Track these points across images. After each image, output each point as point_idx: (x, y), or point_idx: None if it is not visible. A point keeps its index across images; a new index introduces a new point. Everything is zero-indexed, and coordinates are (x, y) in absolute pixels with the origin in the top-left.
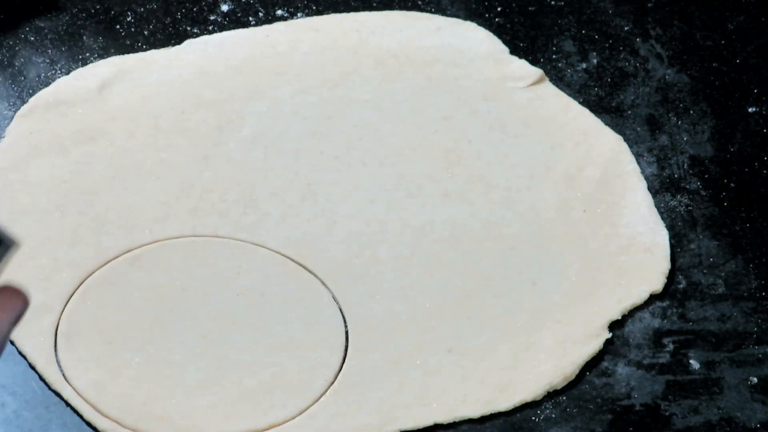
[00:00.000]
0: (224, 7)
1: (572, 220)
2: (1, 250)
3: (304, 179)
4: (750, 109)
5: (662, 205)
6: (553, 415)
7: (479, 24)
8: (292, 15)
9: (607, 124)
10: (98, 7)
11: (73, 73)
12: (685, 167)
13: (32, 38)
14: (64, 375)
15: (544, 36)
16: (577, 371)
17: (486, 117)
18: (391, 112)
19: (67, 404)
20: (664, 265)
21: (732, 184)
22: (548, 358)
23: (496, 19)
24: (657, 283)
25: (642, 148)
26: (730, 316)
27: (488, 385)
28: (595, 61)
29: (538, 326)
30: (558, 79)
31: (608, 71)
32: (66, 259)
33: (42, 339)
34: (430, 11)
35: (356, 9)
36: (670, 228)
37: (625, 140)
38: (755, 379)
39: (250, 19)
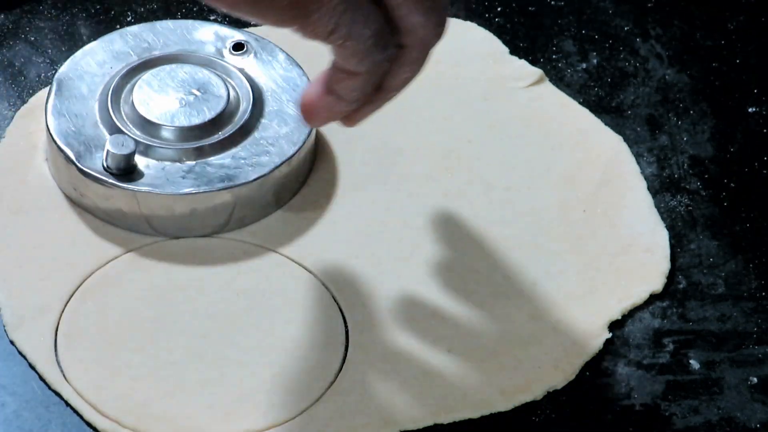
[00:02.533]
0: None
1: (572, 220)
2: None
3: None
4: (750, 109)
5: (662, 205)
6: (553, 415)
7: (479, 24)
8: None
9: (607, 124)
10: (98, 7)
11: None
12: (685, 167)
13: (32, 38)
14: (64, 375)
15: (544, 36)
16: (577, 371)
17: (486, 117)
18: (391, 112)
19: (67, 404)
20: (664, 265)
21: (732, 184)
22: (548, 358)
23: (496, 19)
24: (657, 283)
25: (642, 148)
26: (730, 316)
27: (488, 385)
28: (595, 61)
29: (538, 326)
30: (558, 79)
31: (608, 71)
32: (66, 259)
33: (42, 339)
34: None
35: None
36: (670, 228)
37: (625, 140)
38: (755, 379)
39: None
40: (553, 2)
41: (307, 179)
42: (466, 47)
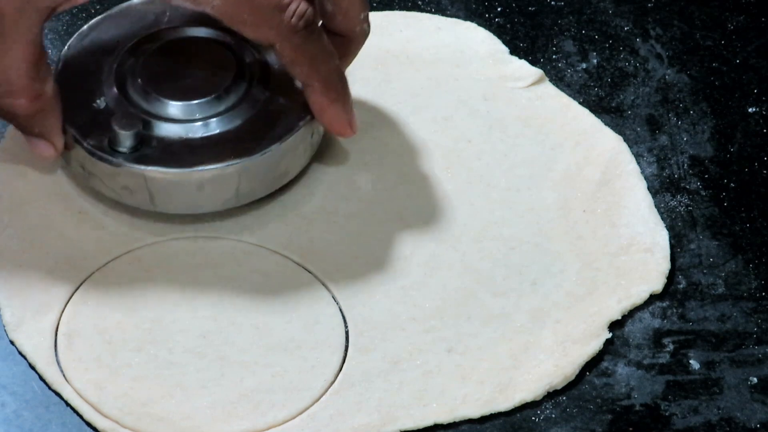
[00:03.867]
0: None
1: (572, 220)
2: None
3: (304, 179)
4: (750, 109)
5: (662, 205)
6: (553, 415)
7: (479, 24)
8: None
9: (607, 124)
10: (98, 7)
11: None
12: (685, 167)
13: None
14: (64, 375)
15: (544, 36)
16: (577, 371)
17: (486, 117)
18: (391, 112)
19: (67, 404)
20: (664, 265)
21: (732, 184)
22: (548, 358)
23: (496, 19)
24: (657, 283)
25: (642, 148)
26: (730, 316)
27: (488, 385)
28: (595, 61)
29: (538, 326)
30: (558, 79)
31: (608, 71)
32: (66, 259)
33: (42, 339)
34: (430, 11)
35: None
36: (670, 228)
37: (625, 140)
38: (755, 379)
39: None
40: (553, 2)
41: (315, 153)
42: (466, 47)
